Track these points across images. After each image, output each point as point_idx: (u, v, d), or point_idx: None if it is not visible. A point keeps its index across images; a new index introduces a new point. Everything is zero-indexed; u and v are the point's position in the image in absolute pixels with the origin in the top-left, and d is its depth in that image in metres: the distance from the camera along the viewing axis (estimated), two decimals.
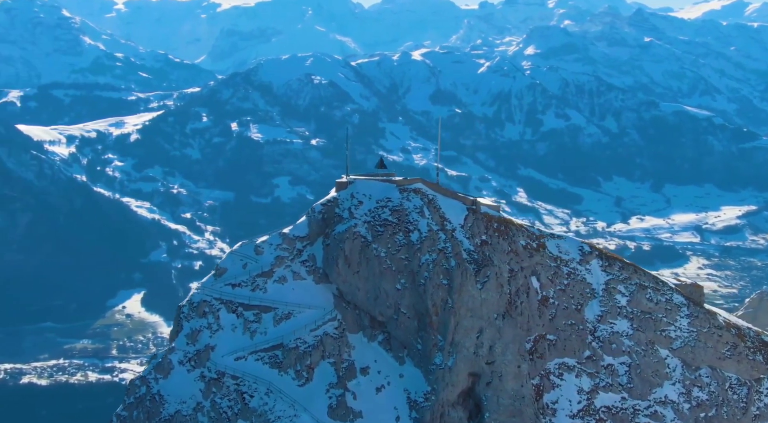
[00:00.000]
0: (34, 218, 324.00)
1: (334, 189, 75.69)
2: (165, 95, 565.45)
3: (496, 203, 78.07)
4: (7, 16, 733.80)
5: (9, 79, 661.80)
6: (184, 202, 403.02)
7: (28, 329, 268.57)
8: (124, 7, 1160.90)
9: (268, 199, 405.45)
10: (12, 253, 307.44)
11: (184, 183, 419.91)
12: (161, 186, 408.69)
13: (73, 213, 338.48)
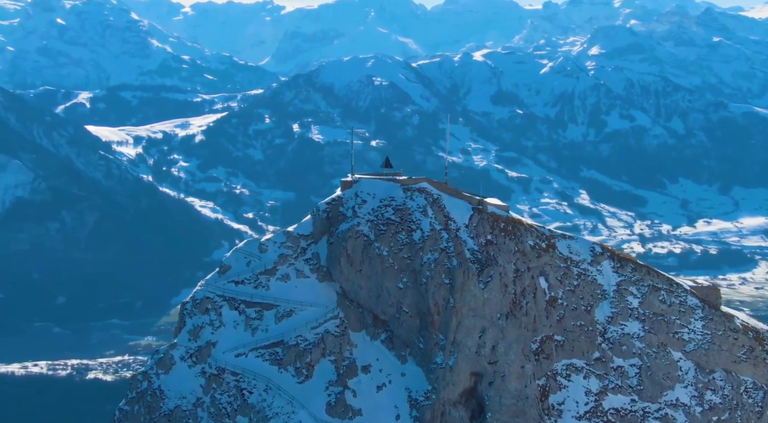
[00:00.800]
0: (102, 217, 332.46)
1: (339, 188, 75.92)
2: (229, 97, 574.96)
3: (505, 204, 76.54)
4: (78, 20, 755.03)
5: (79, 81, 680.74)
6: (246, 202, 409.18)
7: (94, 326, 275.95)
8: (190, 10, 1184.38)
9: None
10: (80, 251, 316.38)
11: (246, 183, 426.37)
12: (224, 186, 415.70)
13: (139, 212, 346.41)
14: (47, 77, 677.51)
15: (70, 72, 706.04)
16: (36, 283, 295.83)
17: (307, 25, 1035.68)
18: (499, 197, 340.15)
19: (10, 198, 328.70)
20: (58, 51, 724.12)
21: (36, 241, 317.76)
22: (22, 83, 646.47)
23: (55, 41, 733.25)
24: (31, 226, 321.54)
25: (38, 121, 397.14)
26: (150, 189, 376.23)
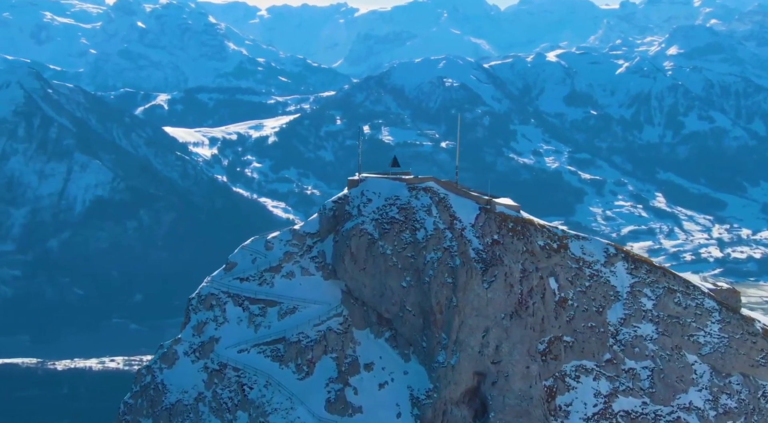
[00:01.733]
0: (178, 217, 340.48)
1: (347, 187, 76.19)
2: (302, 99, 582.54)
3: (516, 204, 75.53)
4: (157, 23, 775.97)
5: (158, 84, 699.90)
6: (317, 202, 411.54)
7: (170, 323, 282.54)
8: (266, 13, 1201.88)
9: None
10: (157, 250, 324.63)
11: (317, 184, 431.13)
12: (296, 187, 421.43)
13: (213, 212, 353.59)
14: (128, 79, 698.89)
15: (150, 74, 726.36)
16: (114, 281, 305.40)
17: (380, 27, 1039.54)
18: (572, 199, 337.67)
19: (91, 197, 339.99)
20: (138, 54, 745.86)
21: (115, 239, 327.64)
22: (103, 85, 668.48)
23: (136, 44, 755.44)
24: (110, 225, 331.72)
25: (118, 123, 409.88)
26: (224, 189, 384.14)
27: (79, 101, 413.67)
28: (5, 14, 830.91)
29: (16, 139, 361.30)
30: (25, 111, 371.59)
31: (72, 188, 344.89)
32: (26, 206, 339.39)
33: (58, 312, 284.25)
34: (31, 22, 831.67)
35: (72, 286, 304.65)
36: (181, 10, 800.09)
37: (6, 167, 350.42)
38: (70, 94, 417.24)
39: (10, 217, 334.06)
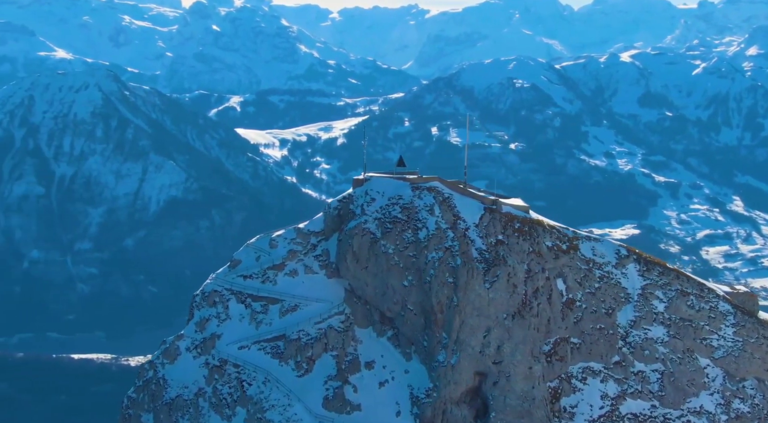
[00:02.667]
0: (248, 217, 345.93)
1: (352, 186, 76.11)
2: (371, 101, 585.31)
3: (525, 204, 74.81)
4: (231, 26, 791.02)
5: (232, 86, 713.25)
6: None
7: None
8: (338, 15, 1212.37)
9: None
10: (228, 249, 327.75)
11: None
12: None
13: (283, 212, 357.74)
14: (202, 82, 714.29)
15: (224, 77, 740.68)
16: (187, 279, 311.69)
17: (450, 29, 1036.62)
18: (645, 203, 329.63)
19: (165, 197, 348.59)
20: (213, 57, 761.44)
21: (188, 238, 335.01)
22: (179, 87, 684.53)
23: (211, 47, 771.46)
24: (183, 225, 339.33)
25: (192, 124, 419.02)
26: (293, 190, 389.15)
27: (155, 103, 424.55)
28: (85, 18, 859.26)
29: (94, 140, 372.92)
30: (103, 112, 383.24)
31: (147, 188, 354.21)
32: (103, 205, 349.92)
33: (132, 309, 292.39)
34: (110, 26, 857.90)
35: (146, 284, 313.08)
36: (254, 13, 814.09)
37: (84, 167, 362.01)
38: (147, 96, 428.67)
39: (88, 216, 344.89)
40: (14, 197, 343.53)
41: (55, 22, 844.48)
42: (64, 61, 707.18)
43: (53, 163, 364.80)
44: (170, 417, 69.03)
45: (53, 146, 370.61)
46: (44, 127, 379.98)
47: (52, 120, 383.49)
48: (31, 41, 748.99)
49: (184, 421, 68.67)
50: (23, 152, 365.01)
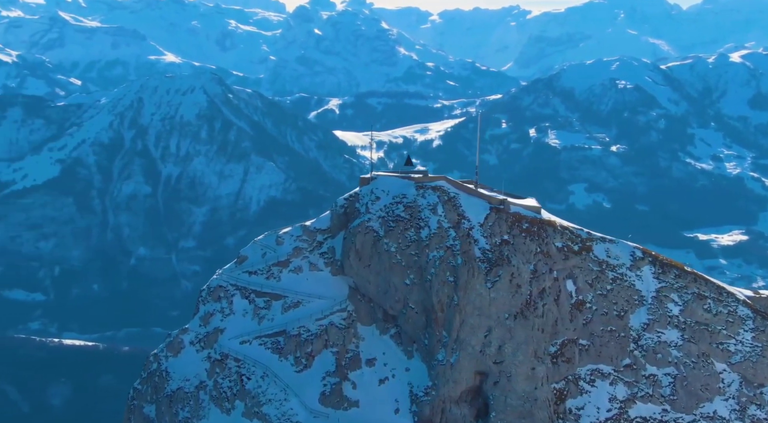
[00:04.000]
0: None
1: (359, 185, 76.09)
2: (468, 102, 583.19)
3: (537, 205, 73.38)
4: (333, 30, 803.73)
5: (332, 89, 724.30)
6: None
7: None
8: (438, 17, 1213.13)
9: (562, 206, 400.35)
10: None
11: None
12: None
13: None
14: (304, 85, 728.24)
15: (324, 80, 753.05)
16: None
17: (552, 29, 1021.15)
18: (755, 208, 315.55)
19: (265, 197, 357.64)
20: (314, 60, 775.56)
21: None
22: (281, 90, 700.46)
23: (312, 51, 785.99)
24: (282, 224, 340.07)
25: (292, 126, 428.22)
26: None
27: (257, 106, 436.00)
28: (194, 23, 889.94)
29: (199, 141, 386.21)
30: (208, 115, 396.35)
31: (248, 188, 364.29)
32: (206, 205, 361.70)
33: None
34: (216, 30, 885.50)
35: None
36: (355, 16, 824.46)
37: (189, 168, 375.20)
38: (249, 99, 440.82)
39: (192, 215, 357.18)
40: (123, 196, 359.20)
41: (166, 26, 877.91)
42: (173, 64, 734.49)
43: (160, 164, 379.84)
44: (171, 409, 70.22)
45: (160, 147, 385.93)
46: (152, 128, 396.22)
47: (160, 122, 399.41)
48: (142, 45, 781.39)
49: (184, 413, 69.73)
50: (132, 153, 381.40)
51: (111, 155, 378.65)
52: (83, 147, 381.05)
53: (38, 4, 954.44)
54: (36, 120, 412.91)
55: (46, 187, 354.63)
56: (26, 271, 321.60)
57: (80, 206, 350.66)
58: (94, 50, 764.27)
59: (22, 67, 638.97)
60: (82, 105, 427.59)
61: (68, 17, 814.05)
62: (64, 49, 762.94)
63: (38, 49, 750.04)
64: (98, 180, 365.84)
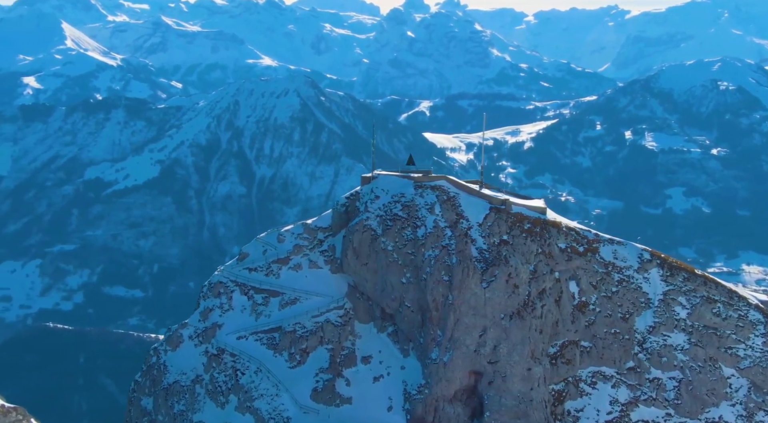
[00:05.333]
0: None
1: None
2: (562, 104, 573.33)
3: (543, 205, 72.29)
4: (426, 32, 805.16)
5: (423, 91, 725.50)
6: (571, 209, 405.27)
7: None
8: (533, 18, 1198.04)
9: (658, 210, 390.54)
10: None
11: (572, 190, 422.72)
12: (550, 193, 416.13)
13: None
14: (396, 87, 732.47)
15: (416, 82, 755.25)
16: None
17: (651, 29, 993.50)
18: None
19: None
20: (406, 62, 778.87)
21: None
22: (373, 93, 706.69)
23: (405, 53, 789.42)
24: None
25: (382, 128, 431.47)
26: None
27: (348, 108, 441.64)
28: (290, 26, 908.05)
29: (291, 143, 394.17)
30: (301, 117, 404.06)
31: (338, 190, 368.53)
32: (298, 206, 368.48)
33: None
34: (312, 34, 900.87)
35: None
36: (448, 18, 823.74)
37: (282, 169, 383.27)
38: (341, 101, 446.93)
39: (284, 215, 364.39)
40: (219, 196, 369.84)
41: (263, 30, 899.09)
42: (269, 68, 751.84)
43: (254, 165, 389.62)
44: (166, 402, 71.39)
45: (255, 149, 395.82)
46: (247, 130, 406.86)
47: (255, 124, 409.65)
48: (241, 49, 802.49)
49: (180, 406, 70.69)
50: (228, 154, 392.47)
51: (208, 156, 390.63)
52: (182, 148, 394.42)
53: (143, 10, 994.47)
54: (138, 122, 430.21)
55: (147, 187, 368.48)
56: (126, 269, 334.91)
57: (178, 206, 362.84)
58: (194, 54, 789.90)
59: (127, 71, 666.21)
60: (182, 107, 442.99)
61: (170, 22, 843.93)
62: (167, 53, 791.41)
63: (142, 53, 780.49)
64: (195, 180, 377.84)
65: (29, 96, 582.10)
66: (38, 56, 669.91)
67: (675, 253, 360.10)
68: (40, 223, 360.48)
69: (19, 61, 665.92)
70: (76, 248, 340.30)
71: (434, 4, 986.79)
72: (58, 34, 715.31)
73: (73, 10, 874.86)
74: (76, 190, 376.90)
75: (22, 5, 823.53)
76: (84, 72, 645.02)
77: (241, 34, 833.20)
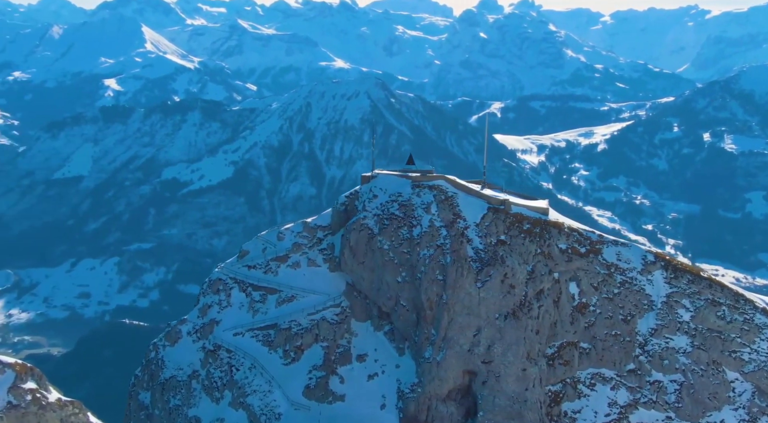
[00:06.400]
0: None
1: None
2: (638, 105, 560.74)
3: (545, 206, 71.65)
4: (498, 33, 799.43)
5: (495, 92, 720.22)
6: (646, 213, 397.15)
7: None
8: (610, 18, 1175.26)
9: (737, 215, 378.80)
10: None
11: (647, 194, 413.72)
12: (624, 196, 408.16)
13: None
14: (467, 89, 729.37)
15: (488, 83, 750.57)
16: None
17: (733, 29, 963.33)
18: None
19: None
20: (478, 64, 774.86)
21: None
22: (444, 94, 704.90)
23: (477, 54, 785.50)
24: None
25: (451, 130, 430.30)
26: (549, 196, 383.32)
27: (418, 110, 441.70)
28: (363, 29, 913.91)
29: (361, 145, 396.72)
30: (370, 119, 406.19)
31: None
32: None
33: None
34: (384, 36, 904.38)
35: None
36: (522, 19, 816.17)
37: (352, 170, 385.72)
38: (411, 103, 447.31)
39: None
40: (290, 197, 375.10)
41: (336, 33, 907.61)
42: (341, 70, 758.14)
43: (324, 166, 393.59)
44: (162, 396, 72.28)
45: (325, 150, 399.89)
46: (318, 132, 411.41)
47: (326, 125, 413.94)
48: (314, 52, 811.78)
49: (176, 401, 71.46)
50: (299, 155, 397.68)
51: (280, 157, 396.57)
52: (255, 149, 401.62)
53: (220, 13, 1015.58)
54: (213, 123, 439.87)
55: (221, 188, 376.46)
56: (200, 267, 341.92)
57: (251, 206, 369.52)
58: (269, 57, 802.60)
59: (204, 73, 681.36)
60: (255, 109, 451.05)
61: (247, 25, 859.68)
62: (242, 55, 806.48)
63: (219, 55, 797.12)
64: (267, 181, 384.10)
65: (110, 98, 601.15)
66: (119, 59, 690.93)
67: (755, 260, 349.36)
68: (119, 222, 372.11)
69: (100, 63, 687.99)
70: (152, 247, 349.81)
71: (508, 5, 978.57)
72: (138, 38, 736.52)
73: (154, 14, 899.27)
74: (153, 190, 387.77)
75: (105, 9, 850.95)
76: (163, 74, 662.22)
77: (314, 36, 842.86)
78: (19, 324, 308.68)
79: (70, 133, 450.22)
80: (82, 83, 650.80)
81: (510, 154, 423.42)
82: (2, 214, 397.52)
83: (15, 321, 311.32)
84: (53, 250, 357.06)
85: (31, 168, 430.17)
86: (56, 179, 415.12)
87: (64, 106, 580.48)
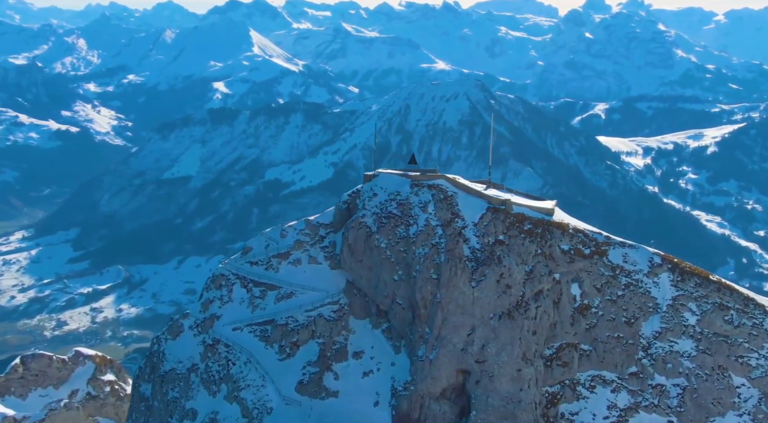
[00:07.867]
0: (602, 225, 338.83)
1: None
2: (751, 107, 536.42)
3: (551, 207, 70.23)
4: (605, 33, 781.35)
5: (600, 93, 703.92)
6: (758, 218, 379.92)
7: None
8: (723, 17, 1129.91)
9: None
10: None
11: (760, 198, 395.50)
12: (735, 201, 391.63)
13: (641, 223, 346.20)
14: (571, 89, 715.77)
15: (592, 84, 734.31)
16: None
17: None
18: None
19: None
20: (583, 64, 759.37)
21: None
22: (547, 95, 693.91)
23: (582, 55, 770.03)
24: None
25: (552, 131, 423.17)
26: (654, 200, 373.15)
27: (518, 111, 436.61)
28: (465, 30, 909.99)
29: (459, 147, 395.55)
30: (469, 120, 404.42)
31: None
32: None
33: None
34: (486, 37, 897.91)
35: None
36: (630, 18, 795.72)
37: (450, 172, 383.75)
38: (511, 104, 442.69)
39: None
40: None
41: (438, 35, 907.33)
42: (443, 72, 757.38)
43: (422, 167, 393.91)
44: (162, 388, 74.12)
45: (423, 152, 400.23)
46: (417, 133, 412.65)
47: (424, 127, 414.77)
48: (416, 54, 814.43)
49: (174, 393, 73.27)
50: (397, 157, 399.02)
51: (378, 159, 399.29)
52: (354, 151, 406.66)
53: (325, 17, 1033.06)
54: (314, 125, 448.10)
55: (321, 188, 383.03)
56: None
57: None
58: (371, 59, 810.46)
59: (308, 76, 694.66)
60: (355, 111, 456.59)
61: (350, 28, 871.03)
62: (345, 58, 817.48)
63: (323, 58, 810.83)
64: None
65: (218, 100, 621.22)
66: (227, 62, 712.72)
67: None
68: (224, 221, 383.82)
69: (210, 67, 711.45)
70: None
71: (616, 5, 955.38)
72: (246, 42, 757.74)
73: (261, 18, 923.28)
74: (256, 190, 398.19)
75: (215, 14, 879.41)
76: (268, 77, 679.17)
77: (416, 38, 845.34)
78: (128, 318, 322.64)
79: (179, 134, 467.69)
80: (192, 86, 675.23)
81: (613, 157, 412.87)
82: (115, 212, 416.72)
83: (125, 315, 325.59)
84: (162, 247, 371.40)
85: (142, 168, 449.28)
86: (166, 179, 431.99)
87: (174, 108, 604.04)
